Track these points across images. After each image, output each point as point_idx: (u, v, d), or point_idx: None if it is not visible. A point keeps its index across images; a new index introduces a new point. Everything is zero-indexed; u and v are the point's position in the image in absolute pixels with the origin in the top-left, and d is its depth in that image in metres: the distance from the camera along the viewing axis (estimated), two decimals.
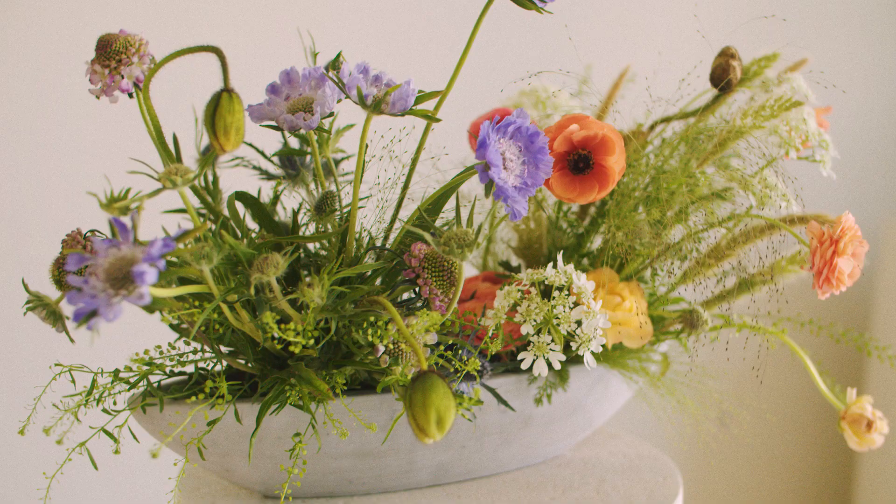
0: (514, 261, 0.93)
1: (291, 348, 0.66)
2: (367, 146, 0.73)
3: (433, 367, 0.63)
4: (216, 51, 0.66)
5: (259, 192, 0.91)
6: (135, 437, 0.76)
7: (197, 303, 0.67)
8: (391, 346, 0.70)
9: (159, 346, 0.73)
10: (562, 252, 0.88)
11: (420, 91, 0.72)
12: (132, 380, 0.72)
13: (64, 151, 1.39)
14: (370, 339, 0.68)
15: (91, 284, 0.58)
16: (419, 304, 0.73)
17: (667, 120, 0.89)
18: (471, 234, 0.66)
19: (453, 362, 0.72)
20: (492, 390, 0.82)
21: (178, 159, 0.65)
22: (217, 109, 0.64)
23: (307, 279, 0.67)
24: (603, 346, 0.89)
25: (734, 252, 0.88)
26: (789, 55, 0.96)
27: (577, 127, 0.76)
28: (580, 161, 0.77)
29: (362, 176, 0.74)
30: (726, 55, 0.81)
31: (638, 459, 0.98)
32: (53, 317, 0.78)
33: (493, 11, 0.74)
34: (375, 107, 0.71)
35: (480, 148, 0.69)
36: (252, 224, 0.84)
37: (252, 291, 0.66)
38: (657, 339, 0.90)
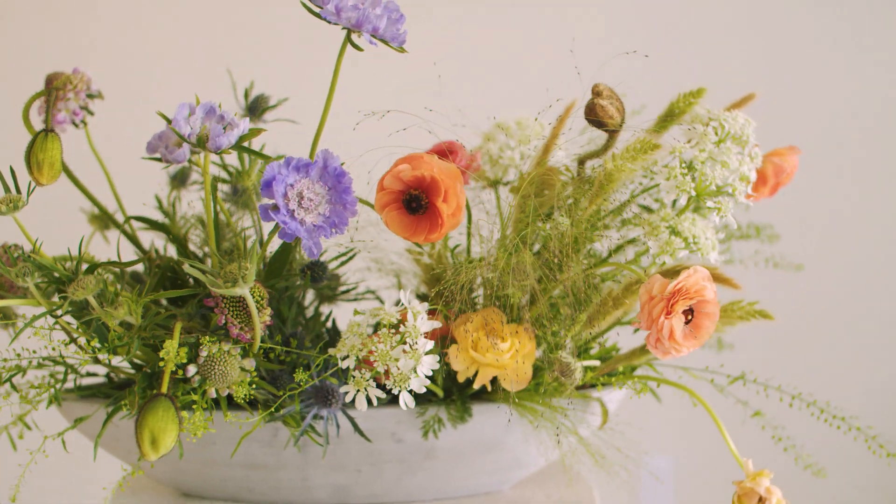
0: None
1: (82, 363, 0.73)
2: (212, 181, 0.79)
3: (168, 392, 0.68)
4: (46, 94, 0.75)
5: (216, 212, 1.00)
6: (36, 426, 0.87)
7: (23, 315, 0.76)
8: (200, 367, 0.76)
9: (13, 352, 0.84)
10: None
11: (247, 130, 0.77)
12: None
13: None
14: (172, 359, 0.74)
15: None
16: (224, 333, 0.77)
17: (590, 156, 0.86)
18: (235, 270, 0.70)
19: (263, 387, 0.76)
20: (350, 419, 0.84)
21: (17, 189, 0.75)
22: (32, 148, 0.73)
23: (118, 300, 0.74)
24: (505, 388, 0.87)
25: (631, 298, 0.83)
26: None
27: (407, 167, 0.76)
28: (412, 201, 0.77)
29: (214, 208, 0.80)
30: (593, 93, 0.77)
31: None
32: None
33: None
34: (200, 144, 0.76)
35: (265, 187, 0.72)
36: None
37: (65, 308, 0.74)
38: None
